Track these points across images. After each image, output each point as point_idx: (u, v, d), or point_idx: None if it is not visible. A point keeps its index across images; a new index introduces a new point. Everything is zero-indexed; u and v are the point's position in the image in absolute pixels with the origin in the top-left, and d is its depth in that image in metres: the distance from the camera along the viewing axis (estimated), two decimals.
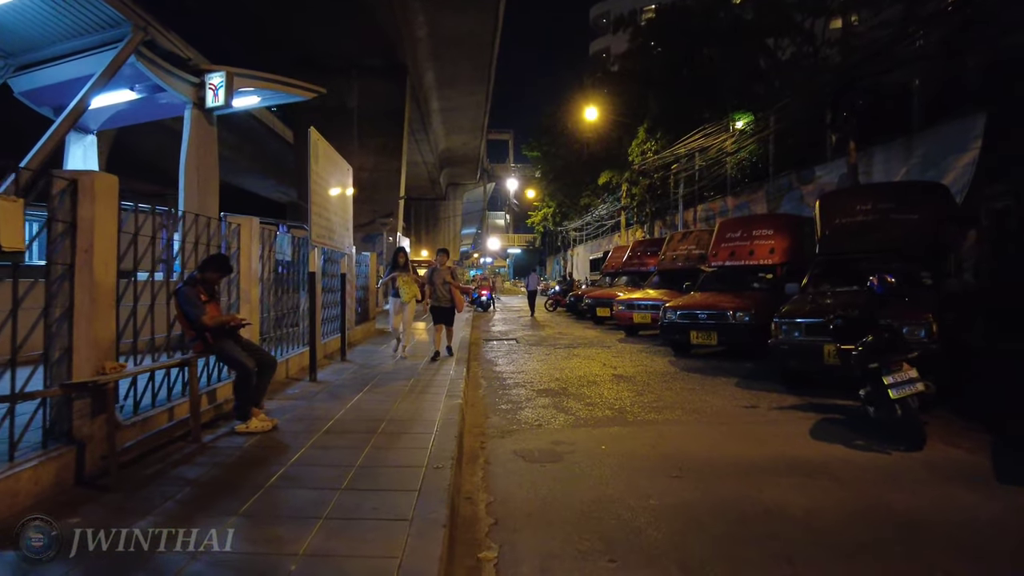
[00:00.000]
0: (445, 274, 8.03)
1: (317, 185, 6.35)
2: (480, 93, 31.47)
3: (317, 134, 6.45)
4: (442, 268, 8.09)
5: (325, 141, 6.84)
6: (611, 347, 11.19)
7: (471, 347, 11.10)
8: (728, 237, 11.01)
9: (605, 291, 16.60)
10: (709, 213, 21.04)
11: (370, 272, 12.49)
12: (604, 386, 7.25)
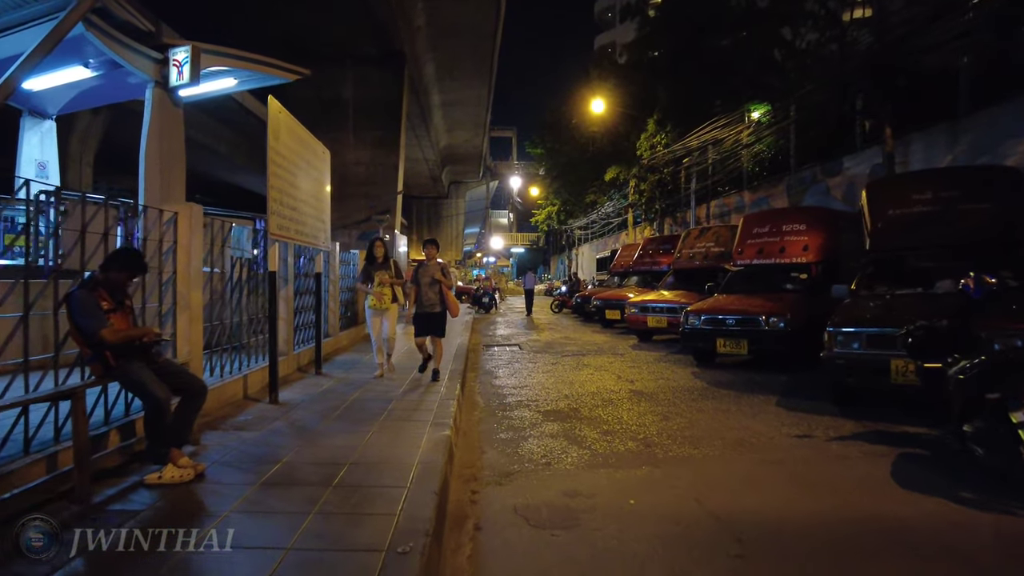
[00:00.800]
0: (434, 271, 6.31)
1: (278, 167, 5.27)
2: (482, 87, 30.37)
3: (278, 106, 5.35)
4: (430, 264, 6.39)
5: (291, 116, 5.75)
6: (624, 355, 10.08)
7: (469, 354, 10.01)
8: (755, 233, 9.88)
9: (615, 292, 15.48)
10: (723, 209, 19.91)
11: (359, 271, 11.40)
12: (622, 406, 6.15)
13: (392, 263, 6.70)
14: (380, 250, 6.67)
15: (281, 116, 5.43)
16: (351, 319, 10.81)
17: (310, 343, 7.74)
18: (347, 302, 10.45)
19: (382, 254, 6.68)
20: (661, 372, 8.25)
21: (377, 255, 6.67)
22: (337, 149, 22.39)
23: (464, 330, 13.25)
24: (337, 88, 21.94)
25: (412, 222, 52.88)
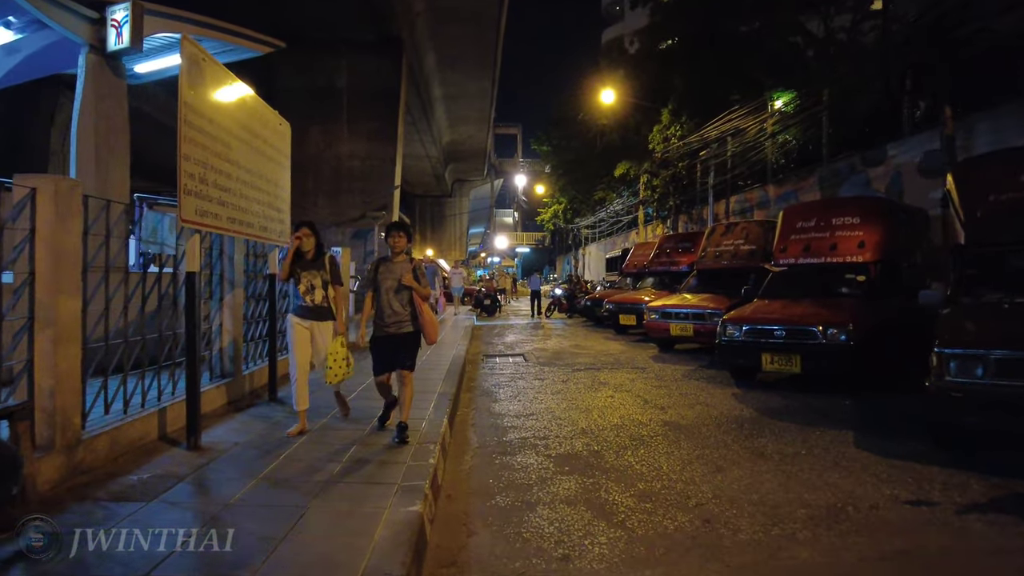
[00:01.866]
0: (402, 271, 4.30)
1: (197, 131, 3.87)
2: (486, 79, 28.97)
3: (195, 48, 3.94)
4: (395, 260, 4.38)
5: (223, 67, 4.35)
6: (646, 369, 8.67)
7: (466, 366, 8.64)
8: (799, 227, 8.46)
9: (629, 295, 14.06)
10: (745, 205, 18.45)
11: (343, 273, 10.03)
12: (657, 447, 4.74)
13: (327, 260, 4.72)
14: (308, 242, 4.64)
15: (204, 63, 4.04)
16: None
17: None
18: None
19: (311, 247, 4.66)
20: (695, 394, 6.83)
21: (305, 250, 4.64)
22: (330, 141, 21.13)
23: (463, 336, 11.87)
24: (330, 76, 20.63)
25: (415, 221, 51.54)
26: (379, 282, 4.36)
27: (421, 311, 4.40)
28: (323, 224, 20.79)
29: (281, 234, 5.61)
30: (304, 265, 4.64)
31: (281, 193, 5.61)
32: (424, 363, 8.11)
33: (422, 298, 4.41)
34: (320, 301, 4.65)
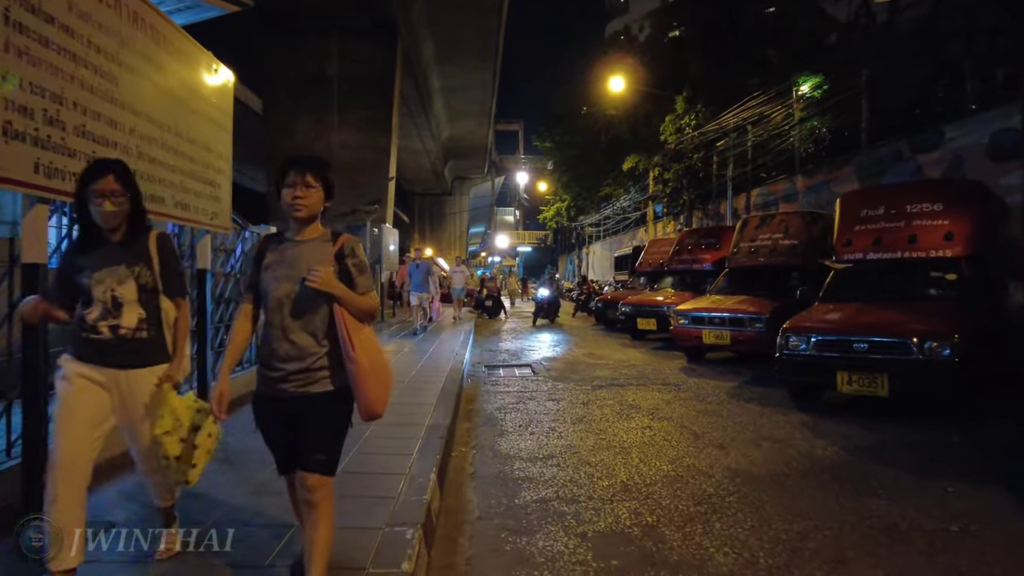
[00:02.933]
0: (310, 258, 2.10)
1: (32, 38, 2.47)
2: (486, 70, 27.54)
3: None
4: (300, 237, 2.16)
5: None
6: (681, 386, 7.23)
7: (469, 379, 7.21)
8: (865, 216, 7.04)
9: (648, 296, 12.63)
10: (769, 198, 17.01)
11: None
12: (736, 517, 3.31)
13: (153, 243, 2.36)
14: (107, 206, 2.21)
15: None
16: None
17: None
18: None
19: (118, 213, 2.26)
20: (753, 423, 5.40)
21: (106, 219, 2.25)
22: (320, 131, 19.64)
23: (463, 344, 10.44)
24: (321, 63, 19.21)
25: (413, 220, 50.24)
26: (265, 284, 2.13)
27: (353, 347, 2.06)
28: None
29: (215, 216, 4.18)
30: (99, 256, 2.25)
31: (215, 161, 4.18)
32: (414, 380, 6.68)
33: (358, 317, 2.11)
34: (134, 327, 2.27)
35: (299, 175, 2.09)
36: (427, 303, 12.47)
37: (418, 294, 11.98)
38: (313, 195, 2.11)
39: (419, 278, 12.08)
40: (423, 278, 12.10)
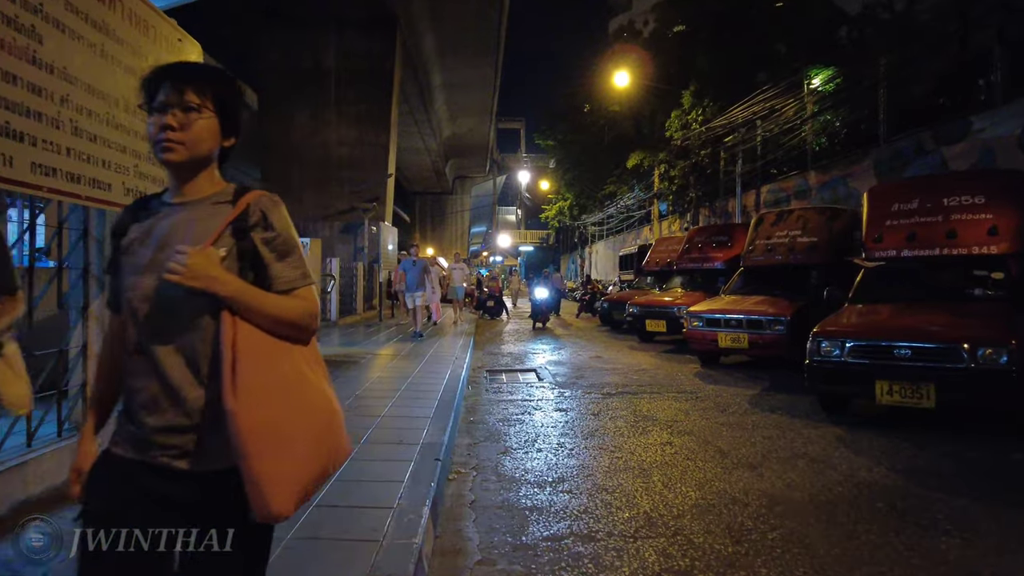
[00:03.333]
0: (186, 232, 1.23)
1: None
2: (488, 66, 27.04)
3: None
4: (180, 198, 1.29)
5: None
6: (697, 394, 6.71)
7: (469, 386, 6.69)
8: (896, 211, 6.49)
9: (657, 297, 12.09)
10: (780, 195, 16.47)
11: (313, 267, 8.08)
12: (783, 559, 2.78)
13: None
14: None
15: None
16: None
17: None
18: None
19: None
20: (784, 438, 4.86)
21: None
22: (317, 127, 19.11)
23: (463, 347, 9.93)
24: (317, 56, 18.71)
25: (414, 219, 49.78)
26: (121, 278, 1.28)
27: (233, 389, 1.13)
28: (309, 218, 18.93)
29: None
30: None
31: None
32: (409, 389, 6.15)
33: (272, 330, 1.22)
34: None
35: (174, 91, 1.22)
36: (420, 302, 11.33)
37: (414, 294, 11.04)
38: (196, 124, 1.23)
39: (414, 276, 11.01)
40: (418, 276, 11.05)
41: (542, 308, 15.16)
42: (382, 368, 7.55)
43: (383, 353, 8.92)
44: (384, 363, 7.99)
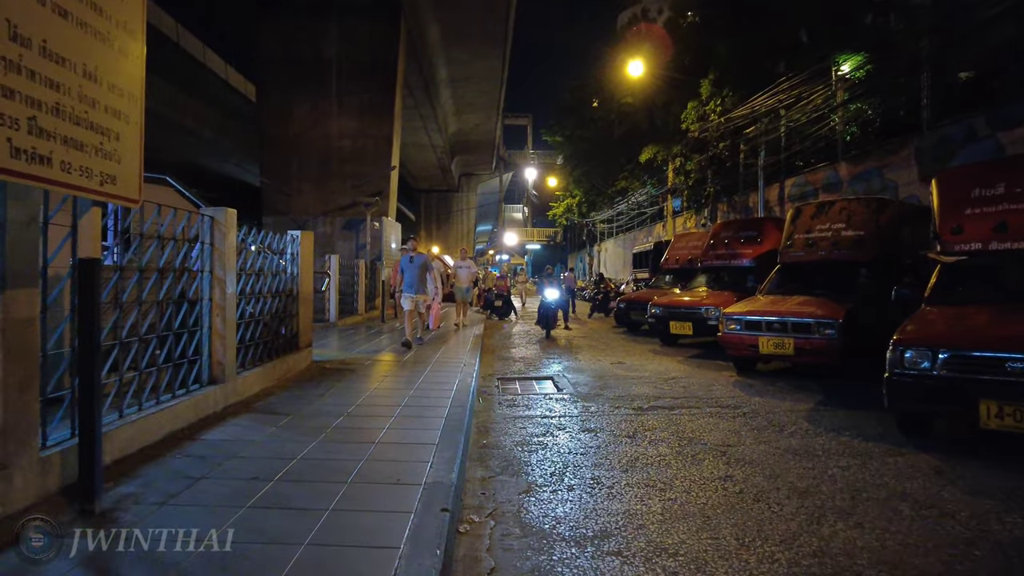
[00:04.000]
0: None
1: None
2: (495, 57, 26.15)
3: None
4: None
5: None
6: (743, 408, 5.81)
7: (480, 398, 5.82)
8: (979, 197, 5.57)
9: (681, 297, 11.16)
10: (806, 188, 15.53)
11: (305, 268, 7.23)
12: None
13: None
14: None
15: None
16: (273, 346, 6.64)
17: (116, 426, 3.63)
18: (268, 320, 6.24)
19: None
20: (866, 467, 3.96)
21: None
22: (317, 119, 18.20)
23: (472, 351, 9.07)
24: (318, 45, 17.86)
25: (419, 217, 49.04)
26: None
27: None
28: (309, 214, 18.12)
29: (108, 180, 2.79)
30: None
31: (108, 99, 2.79)
32: (410, 407, 5.28)
33: None
34: None
35: None
36: (423, 307, 9.84)
37: (411, 296, 9.22)
38: None
39: (413, 275, 9.26)
40: (417, 275, 9.29)
41: (550, 312, 12.46)
42: (381, 377, 6.68)
43: (384, 359, 8.05)
44: (384, 371, 7.13)
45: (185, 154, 28.01)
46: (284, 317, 6.69)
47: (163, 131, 23.75)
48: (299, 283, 6.98)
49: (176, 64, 22.60)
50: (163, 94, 22.28)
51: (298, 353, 6.84)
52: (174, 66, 22.47)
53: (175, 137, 24.78)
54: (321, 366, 7.18)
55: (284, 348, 6.56)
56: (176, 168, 30.09)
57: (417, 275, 9.30)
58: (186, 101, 23.98)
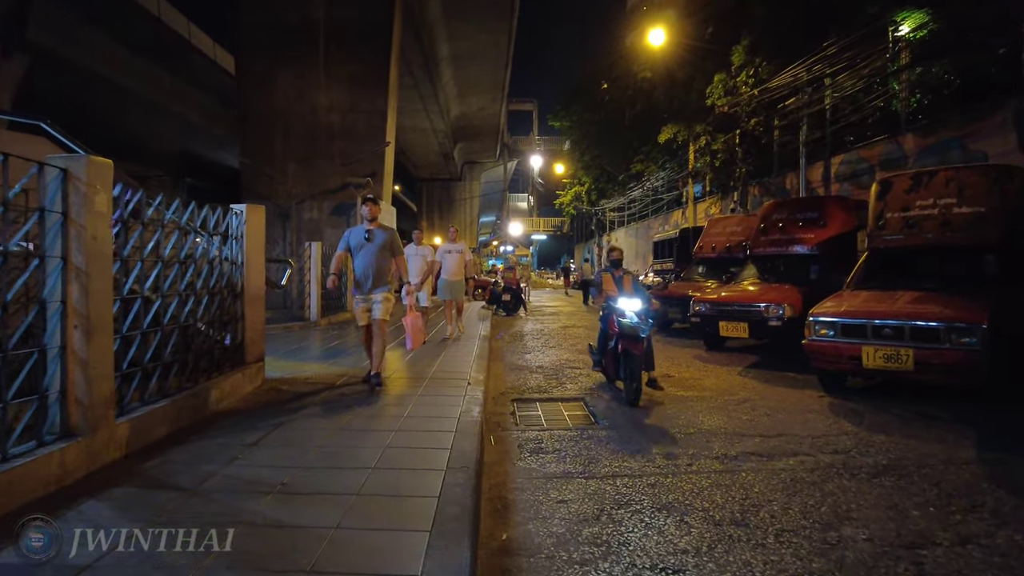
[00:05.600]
0: None
1: None
2: (500, 31, 24.20)
3: None
4: None
5: None
6: (873, 457, 3.95)
7: (492, 437, 4.00)
8: None
9: (735, 292, 9.22)
10: (858, 166, 13.59)
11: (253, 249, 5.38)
12: None
13: None
14: None
15: None
16: (198, 366, 4.80)
17: None
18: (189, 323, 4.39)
19: None
20: None
21: None
22: (303, 90, 15.91)
23: (478, 358, 7.25)
24: (303, 8, 15.86)
25: (421, 207, 47.23)
26: None
27: None
28: (294, 196, 16.24)
29: None
30: None
31: None
32: (388, 456, 3.40)
33: None
34: None
35: None
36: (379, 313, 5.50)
37: (368, 296, 5.52)
38: None
39: (368, 262, 5.47)
40: (375, 262, 5.48)
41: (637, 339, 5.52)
42: (352, 407, 4.82)
43: (362, 373, 6.20)
44: (358, 395, 5.26)
45: (177, 142, 26.25)
46: (223, 322, 4.86)
47: (151, 116, 22.04)
48: (245, 275, 5.13)
49: (159, 42, 20.78)
50: (147, 75, 20.48)
51: (242, 371, 5.00)
52: (157, 44, 20.66)
53: (162, 121, 23.00)
54: (276, 387, 5.33)
55: (219, 366, 4.73)
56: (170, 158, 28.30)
57: (375, 263, 5.45)
58: (172, 83, 22.13)
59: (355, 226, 5.77)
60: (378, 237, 5.55)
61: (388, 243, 5.59)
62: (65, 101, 17.83)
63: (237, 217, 5.08)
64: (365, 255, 5.49)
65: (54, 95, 16.77)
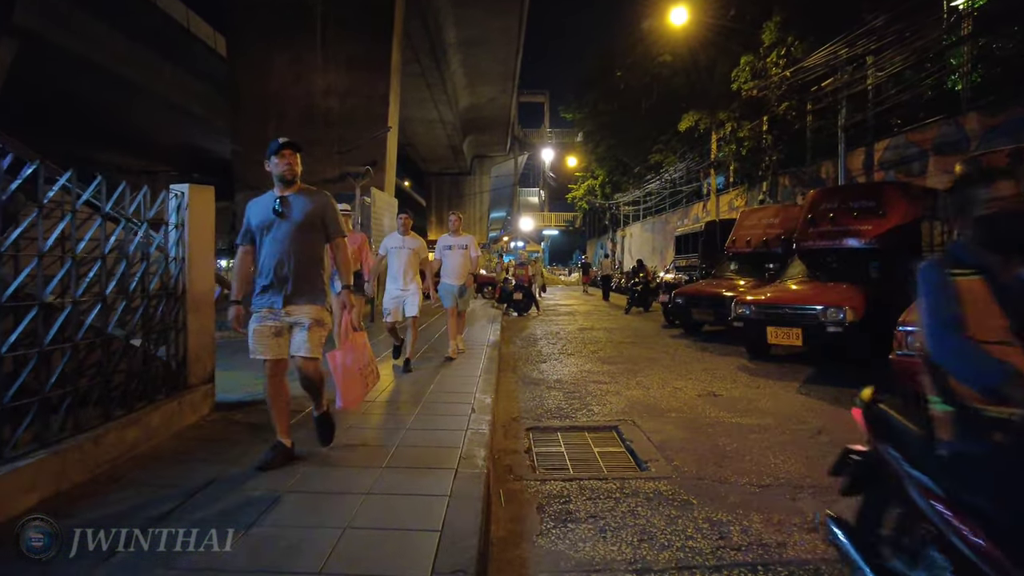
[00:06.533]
0: None
1: None
2: (511, 15, 22.94)
3: None
4: None
5: None
6: None
7: (502, 495, 2.87)
8: None
9: (781, 293, 7.99)
10: (908, 151, 12.27)
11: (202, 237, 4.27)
12: None
13: None
14: None
15: None
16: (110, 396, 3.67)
17: None
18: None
19: None
20: None
21: None
22: (300, 73, 14.61)
23: (486, 370, 6.11)
24: None
25: (430, 202, 46.09)
26: None
27: None
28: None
29: None
30: None
31: None
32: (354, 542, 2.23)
33: None
34: None
35: None
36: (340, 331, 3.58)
37: (277, 315, 3.25)
38: None
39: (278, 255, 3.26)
40: (294, 254, 3.26)
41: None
42: (312, 450, 3.68)
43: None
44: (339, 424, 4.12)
45: (180, 136, 25.38)
46: (159, 334, 3.74)
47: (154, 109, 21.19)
48: (187, 274, 4.01)
49: (157, 29, 19.83)
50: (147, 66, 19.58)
51: (181, 398, 3.88)
52: (156, 33, 19.71)
53: (165, 114, 22.16)
54: (227, 417, 4.19)
55: (148, 391, 3.62)
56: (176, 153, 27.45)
57: (291, 251, 3.25)
58: (173, 74, 21.20)
59: (262, 194, 3.40)
60: (296, 208, 3.25)
61: (317, 217, 3.28)
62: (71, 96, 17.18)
63: (177, 199, 3.95)
64: (275, 240, 3.23)
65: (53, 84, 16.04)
